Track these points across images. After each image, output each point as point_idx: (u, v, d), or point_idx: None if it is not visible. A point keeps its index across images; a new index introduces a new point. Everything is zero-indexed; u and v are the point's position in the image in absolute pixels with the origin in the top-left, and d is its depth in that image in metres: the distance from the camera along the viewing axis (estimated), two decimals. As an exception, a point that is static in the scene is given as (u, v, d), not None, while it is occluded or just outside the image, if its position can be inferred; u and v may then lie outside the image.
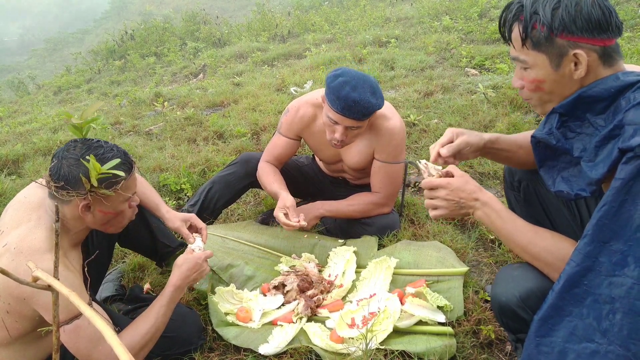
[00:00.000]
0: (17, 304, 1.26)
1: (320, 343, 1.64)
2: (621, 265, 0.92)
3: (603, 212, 0.94)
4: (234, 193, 2.32)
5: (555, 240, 1.13)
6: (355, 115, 1.85)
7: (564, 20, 1.02)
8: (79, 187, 1.29)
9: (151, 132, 4.08)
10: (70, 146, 1.33)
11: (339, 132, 1.92)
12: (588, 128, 1.07)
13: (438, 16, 7.32)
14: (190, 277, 1.56)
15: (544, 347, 0.99)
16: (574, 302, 0.97)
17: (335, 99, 1.84)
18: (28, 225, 1.32)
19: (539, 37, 1.06)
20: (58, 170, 1.29)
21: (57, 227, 0.75)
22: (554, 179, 1.14)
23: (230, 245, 2.15)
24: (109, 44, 10.41)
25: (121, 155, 1.35)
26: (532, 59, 1.10)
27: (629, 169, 0.92)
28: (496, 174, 2.74)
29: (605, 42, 1.03)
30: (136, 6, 19.44)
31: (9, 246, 1.27)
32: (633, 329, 0.89)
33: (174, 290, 1.51)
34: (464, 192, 1.23)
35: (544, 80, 1.11)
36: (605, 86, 1.03)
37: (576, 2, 1.02)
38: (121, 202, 1.39)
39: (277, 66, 6.42)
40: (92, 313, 0.60)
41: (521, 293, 1.16)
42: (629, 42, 4.50)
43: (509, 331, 1.31)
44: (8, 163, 3.61)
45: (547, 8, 1.04)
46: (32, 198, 1.41)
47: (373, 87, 1.88)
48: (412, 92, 4.14)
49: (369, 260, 2.03)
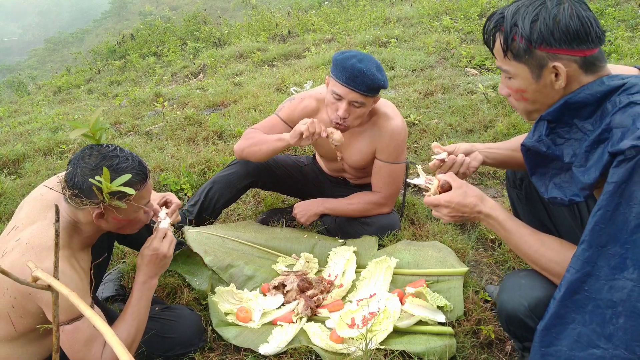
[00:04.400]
0: (22, 298, 1.26)
1: (320, 343, 1.64)
2: (620, 269, 0.92)
3: (598, 216, 0.94)
4: (234, 193, 2.31)
5: (562, 249, 1.12)
6: (359, 87, 1.86)
7: (542, 33, 1.03)
8: (92, 197, 1.29)
9: (151, 132, 4.08)
10: (85, 154, 1.33)
11: (342, 109, 1.91)
12: (577, 133, 1.07)
13: (438, 16, 7.32)
14: (158, 267, 1.50)
15: (550, 357, 0.99)
16: (576, 309, 0.96)
17: (341, 69, 1.87)
18: (43, 223, 1.34)
19: (519, 49, 1.07)
20: (72, 178, 1.30)
21: (57, 227, 0.75)
22: (546, 186, 1.15)
23: (230, 245, 2.15)
24: (109, 44, 10.41)
25: (136, 165, 1.35)
26: (514, 69, 1.11)
27: (621, 172, 0.92)
28: (496, 173, 2.74)
29: (585, 52, 1.03)
30: (136, 6, 19.44)
31: (22, 241, 1.29)
32: (637, 331, 0.89)
33: (143, 285, 1.47)
34: (466, 206, 1.24)
35: (525, 90, 1.12)
36: (590, 91, 1.04)
37: (554, 15, 1.02)
38: (135, 210, 1.39)
39: (277, 66, 6.41)
40: (92, 314, 0.60)
41: (530, 302, 1.16)
42: (629, 42, 4.50)
43: (515, 339, 1.30)
44: (8, 163, 3.61)
45: (527, 20, 1.04)
46: (48, 196, 1.43)
47: (378, 65, 1.92)
48: (412, 92, 4.14)
49: (369, 260, 2.03)
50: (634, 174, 0.91)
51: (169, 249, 1.51)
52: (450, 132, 3.31)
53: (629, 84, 1.00)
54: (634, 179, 0.91)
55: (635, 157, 0.90)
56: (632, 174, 0.91)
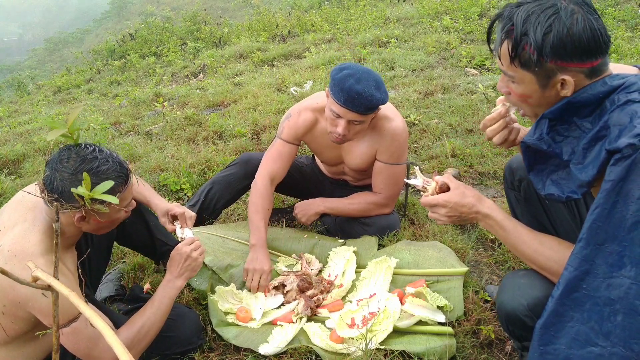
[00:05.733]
0: (12, 306, 1.25)
1: (320, 343, 1.64)
2: (618, 267, 0.92)
3: (596, 214, 0.94)
4: (234, 193, 2.31)
5: (560, 248, 1.12)
6: (358, 109, 1.84)
7: (554, 46, 1.01)
8: (72, 201, 1.24)
9: (151, 132, 4.08)
10: (64, 156, 1.28)
11: (341, 126, 1.90)
12: (575, 131, 1.07)
13: (438, 16, 7.32)
14: (182, 268, 1.54)
15: (548, 355, 0.99)
16: (574, 307, 0.96)
17: (338, 91, 1.84)
18: (23, 226, 1.30)
19: (528, 59, 1.05)
20: (51, 182, 1.25)
21: (57, 227, 0.75)
22: (543, 182, 1.15)
23: (230, 245, 2.15)
24: (109, 44, 10.41)
25: (116, 167, 1.30)
26: (520, 76, 1.10)
27: (618, 170, 0.92)
28: (496, 173, 2.74)
29: (593, 64, 1.03)
30: (136, 6, 19.44)
31: (3, 248, 1.26)
32: (634, 329, 0.89)
33: (167, 284, 1.52)
34: (464, 206, 1.24)
35: (530, 96, 1.12)
36: (593, 92, 1.03)
37: (568, 27, 0.99)
38: (116, 212, 1.36)
39: (277, 66, 6.41)
40: (91, 313, 0.60)
41: (529, 302, 1.16)
42: (629, 42, 4.50)
43: (515, 339, 1.30)
44: (8, 163, 3.61)
45: (539, 31, 1.01)
46: (29, 197, 1.39)
47: (377, 82, 1.88)
48: (412, 92, 4.14)
49: (369, 260, 2.03)
50: (631, 172, 0.91)
51: (192, 251, 1.56)
52: (450, 132, 3.32)
53: (627, 83, 1.01)
54: (631, 177, 0.91)
55: (633, 155, 0.91)
56: (629, 172, 0.91)
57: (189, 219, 1.72)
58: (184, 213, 1.72)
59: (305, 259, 2.10)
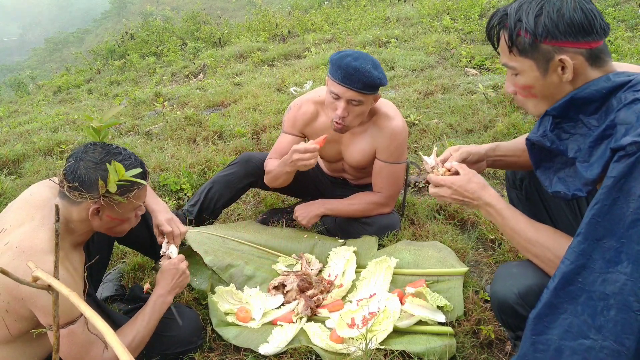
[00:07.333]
0: (15, 303, 1.25)
1: (320, 343, 1.64)
2: (614, 262, 0.93)
3: (596, 210, 0.95)
4: (234, 193, 2.32)
5: (556, 237, 1.14)
6: (355, 85, 1.86)
7: (546, 26, 1.04)
8: (92, 190, 1.29)
9: (151, 132, 4.08)
10: (89, 149, 1.34)
11: (340, 108, 1.91)
12: (581, 129, 1.08)
13: (438, 16, 7.32)
14: (175, 283, 1.58)
15: (540, 345, 1.00)
16: (568, 300, 0.97)
17: (336, 69, 1.88)
18: (32, 224, 1.32)
19: (525, 44, 1.08)
20: (74, 171, 1.30)
21: (57, 226, 0.75)
22: (550, 179, 1.15)
23: (230, 245, 2.15)
24: (109, 44, 10.41)
25: (138, 165, 1.37)
26: (520, 65, 1.12)
27: (620, 167, 0.93)
28: (496, 173, 2.74)
29: (590, 44, 1.04)
30: (136, 6, 19.44)
31: (11, 245, 1.26)
32: (627, 324, 0.90)
33: (158, 299, 1.53)
34: (468, 191, 1.27)
35: (533, 86, 1.13)
36: (596, 87, 1.05)
37: (558, 8, 1.04)
38: (130, 210, 1.40)
39: (277, 66, 6.41)
40: (92, 313, 0.60)
41: (520, 290, 1.18)
42: (629, 42, 4.50)
43: (508, 329, 1.32)
44: (8, 163, 3.61)
45: (530, 15, 1.06)
46: (37, 196, 1.41)
47: (375, 63, 1.91)
48: (412, 92, 4.14)
49: (369, 260, 2.03)
50: (634, 169, 0.91)
51: (186, 270, 1.62)
52: (450, 132, 3.32)
53: (634, 81, 1.01)
54: (633, 174, 0.91)
55: (636, 153, 0.91)
56: (631, 170, 0.91)
57: (176, 236, 1.72)
58: (171, 232, 1.71)
59: (305, 259, 2.10)
